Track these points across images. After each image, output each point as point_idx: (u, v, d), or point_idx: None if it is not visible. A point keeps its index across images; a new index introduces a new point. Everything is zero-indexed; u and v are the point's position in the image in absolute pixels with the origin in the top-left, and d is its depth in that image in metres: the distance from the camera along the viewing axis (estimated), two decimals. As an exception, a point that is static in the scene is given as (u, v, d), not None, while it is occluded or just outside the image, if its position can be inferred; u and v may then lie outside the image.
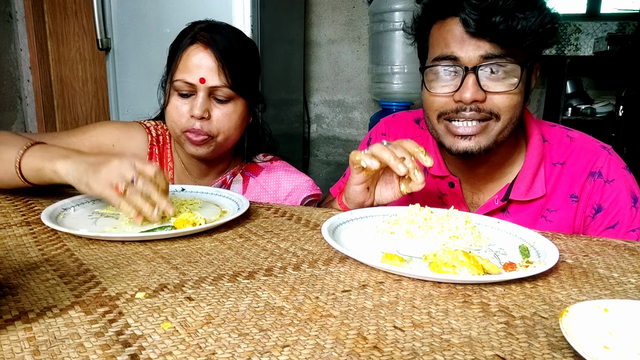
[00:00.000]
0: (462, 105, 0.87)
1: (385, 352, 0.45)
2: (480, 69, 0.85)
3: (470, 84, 0.85)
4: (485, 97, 0.86)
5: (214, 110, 1.03)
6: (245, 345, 0.46)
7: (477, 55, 0.84)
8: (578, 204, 0.94)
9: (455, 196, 1.01)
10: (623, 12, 3.20)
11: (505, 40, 0.83)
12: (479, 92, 0.85)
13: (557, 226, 0.94)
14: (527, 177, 0.95)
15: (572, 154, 0.96)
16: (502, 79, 0.86)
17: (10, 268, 0.63)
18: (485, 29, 0.82)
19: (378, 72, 2.75)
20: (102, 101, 3.32)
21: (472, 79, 0.85)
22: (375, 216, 0.85)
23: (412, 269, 0.63)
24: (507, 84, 0.86)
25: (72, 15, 3.21)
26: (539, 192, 0.94)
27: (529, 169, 0.95)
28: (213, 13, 2.14)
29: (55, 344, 0.45)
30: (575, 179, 0.94)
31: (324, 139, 3.48)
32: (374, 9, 2.71)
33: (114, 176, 0.77)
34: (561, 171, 0.95)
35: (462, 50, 0.85)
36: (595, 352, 0.43)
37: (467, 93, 0.85)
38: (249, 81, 1.07)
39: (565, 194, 0.95)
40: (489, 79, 0.86)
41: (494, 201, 0.97)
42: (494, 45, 0.83)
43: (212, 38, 1.01)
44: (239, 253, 0.70)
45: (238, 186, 1.14)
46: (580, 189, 0.94)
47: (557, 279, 0.62)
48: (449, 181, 1.01)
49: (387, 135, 1.15)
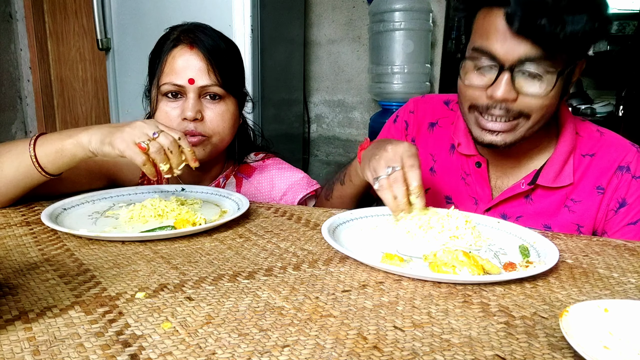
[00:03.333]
0: (492, 102, 0.86)
1: (385, 352, 0.45)
2: (516, 68, 0.82)
3: (504, 83, 0.83)
4: (517, 97, 0.84)
5: (206, 111, 1.01)
6: (245, 345, 0.46)
7: (515, 54, 0.81)
8: (603, 196, 0.94)
9: (480, 177, 1.01)
10: (623, 12, 3.20)
11: (548, 43, 0.79)
12: (511, 92, 0.83)
13: (579, 217, 0.94)
14: (557, 164, 0.95)
15: (602, 147, 0.96)
16: (538, 81, 0.83)
17: (10, 268, 0.63)
18: (529, 30, 0.79)
19: (378, 72, 2.75)
20: (102, 101, 3.31)
21: (506, 77, 0.83)
22: (375, 216, 0.85)
23: (412, 269, 0.63)
24: (542, 87, 0.83)
25: (72, 15, 3.21)
26: (566, 179, 0.94)
27: (559, 157, 0.95)
28: (213, 13, 2.15)
29: (55, 344, 0.45)
30: (603, 172, 0.94)
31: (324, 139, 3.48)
32: (374, 9, 2.71)
33: (137, 134, 0.79)
34: (590, 163, 0.95)
35: (501, 46, 0.82)
36: (595, 352, 0.43)
37: (499, 91, 0.83)
38: (237, 79, 1.06)
39: (591, 185, 0.95)
40: (524, 79, 0.84)
41: (520, 185, 0.96)
42: (536, 47, 0.80)
43: (197, 38, 0.99)
44: (239, 253, 0.70)
45: (232, 189, 1.12)
46: (608, 181, 0.94)
47: (557, 279, 0.62)
48: (477, 161, 1.01)
49: (416, 113, 1.13)
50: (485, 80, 0.86)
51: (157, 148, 0.79)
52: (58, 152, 0.84)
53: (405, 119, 1.15)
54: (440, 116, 1.10)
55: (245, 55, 2.18)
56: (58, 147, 0.83)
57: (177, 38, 1.00)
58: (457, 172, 1.05)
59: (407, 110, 1.16)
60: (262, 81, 2.31)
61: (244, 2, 2.13)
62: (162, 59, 1.01)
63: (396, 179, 0.79)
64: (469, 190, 1.03)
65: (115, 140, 0.79)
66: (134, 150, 0.78)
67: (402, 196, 0.78)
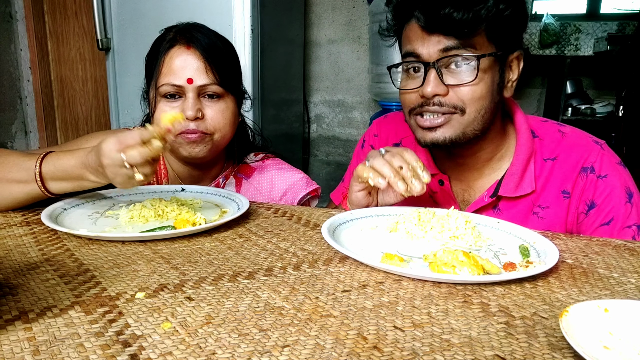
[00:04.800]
0: (426, 100, 0.88)
1: (385, 352, 0.45)
2: (439, 62, 0.86)
3: (432, 79, 0.86)
4: (447, 91, 0.87)
5: (206, 109, 1.01)
6: (245, 345, 0.46)
7: (435, 50, 0.85)
8: (570, 200, 0.93)
9: (446, 194, 1.01)
10: (623, 12, 3.20)
11: (458, 31, 0.83)
12: (440, 87, 0.86)
13: (549, 223, 0.93)
14: (516, 173, 0.94)
15: (564, 149, 0.95)
16: (463, 71, 0.86)
17: (10, 268, 0.63)
18: (437, 23, 0.83)
19: (378, 72, 2.75)
20: (102, 101, 3.32)
21: (433, 74, 0.86)
22: (375, 216, 0.85)
23: (412, 269, 0.63)
24: (467, 75, 0.86)
25: (72, 15, 3.21)
26: (528, 188, 0.93)
27: (517, 165, 0.94)
28: (213, 13, 2.15)
29: (55, 344, 0.45)
30: (567, 175, 0.93)
31: (324, 139, 3.48)
32: (374, 9, 2.71)
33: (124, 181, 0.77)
34: (552, 167, 0.94)
35: (422, 46, 0.86)
36: (595, 352, 0.43)
37: (428, 87, 0.86)
38: (235, 77, 1.06)
39: (556, 190, 0.94)
40: (449, 73, 0.87)
41: (483, 198, 0.96)
42: (450, 38, 0.84)
43: (193, 37, 0.99)
44: (239, 253, 0.70)
45: (231, 189, 1.12)
46: (572, 184, 0.93)
47: (557, 279, 0.62)
48: (439, 179, 1.01)
49: (379, 135, 1.15)
50: (416, 82, 0.89)
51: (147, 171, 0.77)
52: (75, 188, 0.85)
53: (371, 143, 1.17)
54: (403, 135, 1.10)
55: (245, 55, 2.18)
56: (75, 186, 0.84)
57: (173, 38, 1.00)
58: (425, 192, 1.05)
59: (371, 134, 1.18)
60: (262, 81, 2.31)
61: (244, 2, 2.13)
62: (159, 60, 1.00)
63: (392, 153, 0.81)
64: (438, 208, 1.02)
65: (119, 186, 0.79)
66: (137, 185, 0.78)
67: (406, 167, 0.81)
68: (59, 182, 0.84)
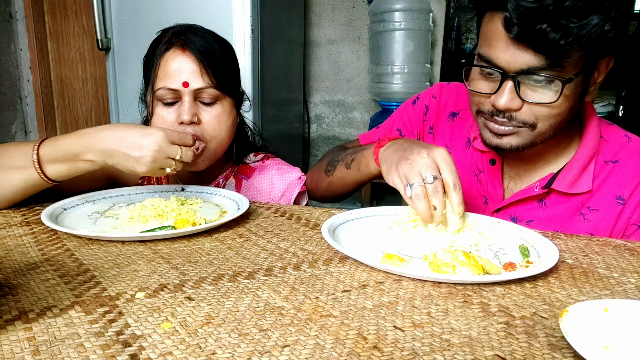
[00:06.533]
0: (496, 110, 0.82)
1: (385, 352, 0.45)
2: (519, 77, 0.78)
3: (507, 91, 0.79)
4: (521, 106, 0.80)
5: (202, 114, 1.00)
6: (245, 345, 0.46)
7: (518, 63, 0.76)
8: (624, 208, 0.86)
9: (493, 175, 0.96)
10: (623, 12, 3.20)
11: (551, 51, 0.73)
12: (515, 101, 0.79)
13: (594, 226, 0.88)
14: (575, 169, 0.89)
15: (628, 153, 0.89)
16: (544, 90, 0.78)
17: (10, 268, 0.63)
18: (529, 37, 0.73)
19: (378, 72, 2.75)
20: (102, 101, 3.31)
21: (509, 86, 0.79)
22: (375, 216, 0.85)
23: (412, 269, 0.63)
24: (548, 96, 0.78)
25: (72, 15, 3.21)
26: (584, 186, 0.88)
27: (579, 161, 0.89)
28: (213, 13, 2.15)
29: (55, 344, 0.45)
30: (627, 180, 0.87)
31: (324, 139, 3.48)
32: (374, 9, 2.71)
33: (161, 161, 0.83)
34: (612, 170, 0.88)
35: (503, 54, 0.77)
36: (595, 352, 0.43)
37: (502, 100, 0.79)
38: (233, 79, 1.05)
39: (611, 194, 0.88)
40: (529, 88, 0.79)
41: (533, 188, 0.91)
42: (538, 56, 0.74)
43: (189, 40, 0.98)
44: (239, 253, 0.70)
45: (231, 189, 1.12)
46: (630, 192, 0.86)
47: (557, 279, 0.62)
48: (491, 158, 0.96)
49: (438, 99, 1.08)
50: (490, 86, 0.82)
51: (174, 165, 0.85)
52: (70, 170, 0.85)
53: (426, 103, 1.09)
54: (462, 107, 1.05)
55: (245, 55, 2.18)
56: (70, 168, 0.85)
57: (169, 41, 1.00)
58: (470, 168, 1.01)
59: (430, 95, 1.10)
60: (261, 81, 2.31)
61: (244, 2, 2.13)
62: (155, 62, 1.00)
63: (436, 189, 0.74)
64: (480, 188, 0.98)
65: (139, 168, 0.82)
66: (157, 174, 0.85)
67: (441, 208, 0.74)
68: (56, 165, 0.84)
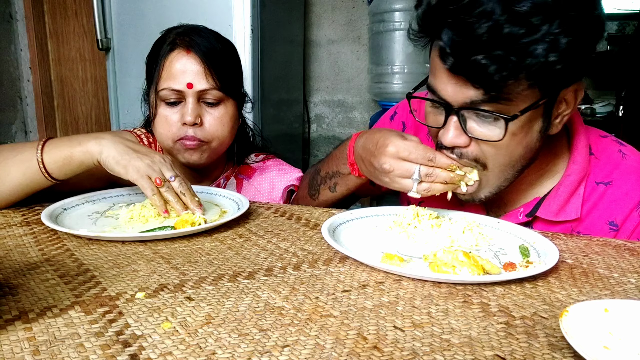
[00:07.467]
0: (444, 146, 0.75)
1: (385, 352, 0.45)
2: (464, 111, 0.71)
3: (452, 127, 0.72)
4: (469, 142, 0.73)
5: (205, 115, 1.01)
6: (245, 345, 0.46)
7: (460, 96, 0.70)
8: (616, 234, 0.80)
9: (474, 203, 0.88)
10: (623, 12, 3.20)
11: (489, 85, 0.65)
12: (461, 137, 0.73)
13: None
14: (562, 195, 0.81)
15: (622, 174, 0.81)
16: (490, 125, 0.71)
17: (10, 268, 0.63)
18: (464, 69, 0.65)
19: (378, 72, 2.75)
20: (102, 101, 3.31)
21: (454, 121, 0.72)
22: (375, 216, 0.85)
23: (412, 269, 0.63)
24: (495, 133, 0.70)
25: (72, 15, 3.21)
26: (572, 214, 0.81)
27: (566, 186, 0.81)
28: (213, 13, 2.15)
29: (55, 344, 0.45)
30: (620, 205, 0.80)
31: (324, 139, 3.48)
32: (374, 9, 2.71)
33: (154, 170, 0.81)
34: (604, 192, 0.81)
35: (445, 86, 0.71)
36: (595, 352, 0.43)
37: (448, 136, 0.73)
38: (236, 80, 1.05)
39: (603, 219, 0.81)
40: (475, 122, 0.72)
41: (517, 214, 0.85)
42: (479, 90, 0.67)
43: (193, 41, 0.99)
44: (239, 253, 0.70)
45: (232, 190, 1.12)
46: (624, 218, 0.79)
47: (557, 279, 0.62)
48: None
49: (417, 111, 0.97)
50: (437, 120, 0.76)
51: (169, 189, 0.82)
52: (66, 159, 0.84)
53: (404, 120, 1.04)
54: None
55: (245, 56, 2.18)
56: (66, 154, 0.84)
57: (173, 42, 1.00)
58: None
59: (407, 110, 1.00)
60: (261, 81, 2.31)
61: (244, 2, 2.13)
62: (159, 63, 1.00)
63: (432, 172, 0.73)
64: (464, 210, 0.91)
65: (130, 168, 0.81)
66: (147, 183, 0.81)
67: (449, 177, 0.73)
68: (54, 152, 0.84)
